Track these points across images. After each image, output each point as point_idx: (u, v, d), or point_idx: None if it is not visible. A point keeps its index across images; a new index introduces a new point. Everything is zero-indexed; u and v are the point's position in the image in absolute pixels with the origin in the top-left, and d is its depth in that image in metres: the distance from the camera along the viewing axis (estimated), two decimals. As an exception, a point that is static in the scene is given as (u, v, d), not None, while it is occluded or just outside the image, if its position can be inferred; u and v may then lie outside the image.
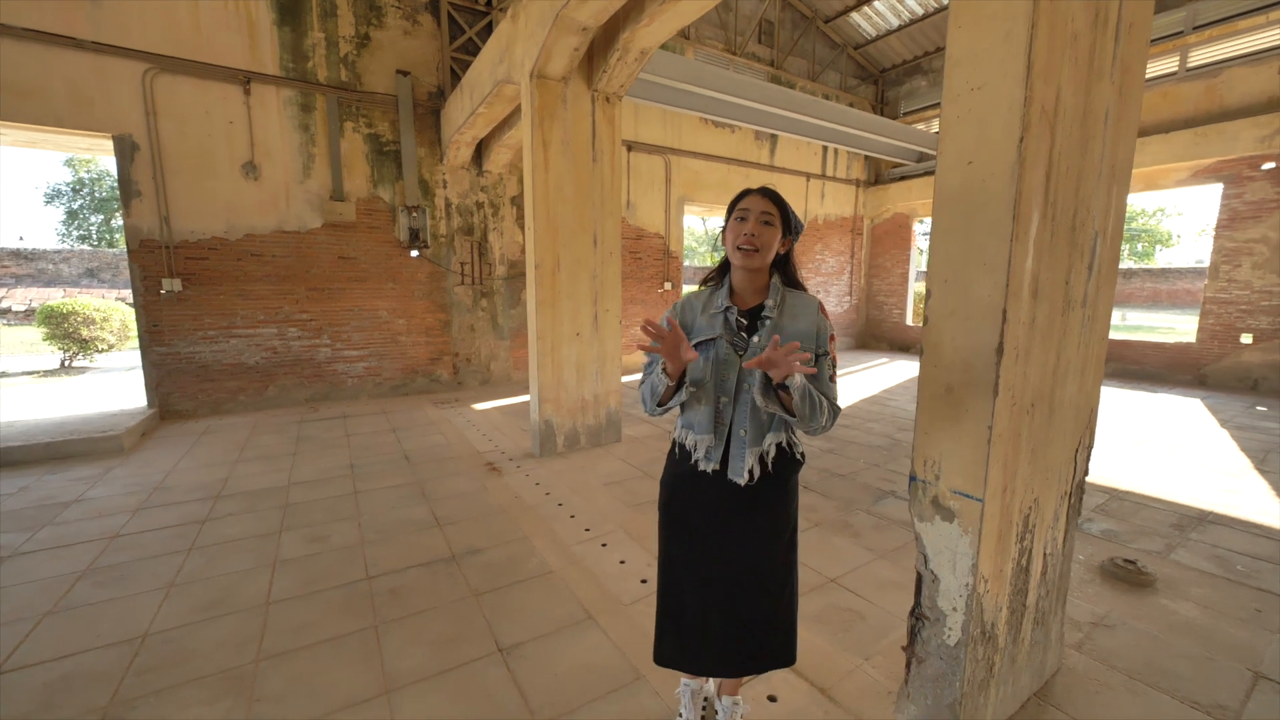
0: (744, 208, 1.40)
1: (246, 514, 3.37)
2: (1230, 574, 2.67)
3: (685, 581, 1.48)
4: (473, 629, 2.25)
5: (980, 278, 1.39)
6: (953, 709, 1.56)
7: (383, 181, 6.45)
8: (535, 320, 4.30)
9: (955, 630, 1.53)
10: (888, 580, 2.61)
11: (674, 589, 1.51)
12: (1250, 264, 7.18)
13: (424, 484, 3.88)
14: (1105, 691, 1.90)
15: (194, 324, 5.64)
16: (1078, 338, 1.65)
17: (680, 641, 1.50)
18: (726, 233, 1.44)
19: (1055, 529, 1.79)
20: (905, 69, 11.01)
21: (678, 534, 1.50)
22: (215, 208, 5.62)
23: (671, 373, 1.30)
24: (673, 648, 1.51)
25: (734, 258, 1.40)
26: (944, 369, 1.49)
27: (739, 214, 1.40)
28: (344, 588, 2.56)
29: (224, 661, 2.05)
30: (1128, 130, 1.68)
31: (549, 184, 4.20)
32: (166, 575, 2.66)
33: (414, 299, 6.83)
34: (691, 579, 1.47)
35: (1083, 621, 2.29)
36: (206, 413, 5.83)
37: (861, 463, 4.34)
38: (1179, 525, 3.21)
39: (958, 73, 1.41)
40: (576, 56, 3.94)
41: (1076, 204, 1.52)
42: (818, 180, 10.88)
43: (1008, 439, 1.46)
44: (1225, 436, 5.08)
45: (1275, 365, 7.01)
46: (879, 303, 12.12)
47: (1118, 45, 1.54)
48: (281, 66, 5.77)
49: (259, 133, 5.73)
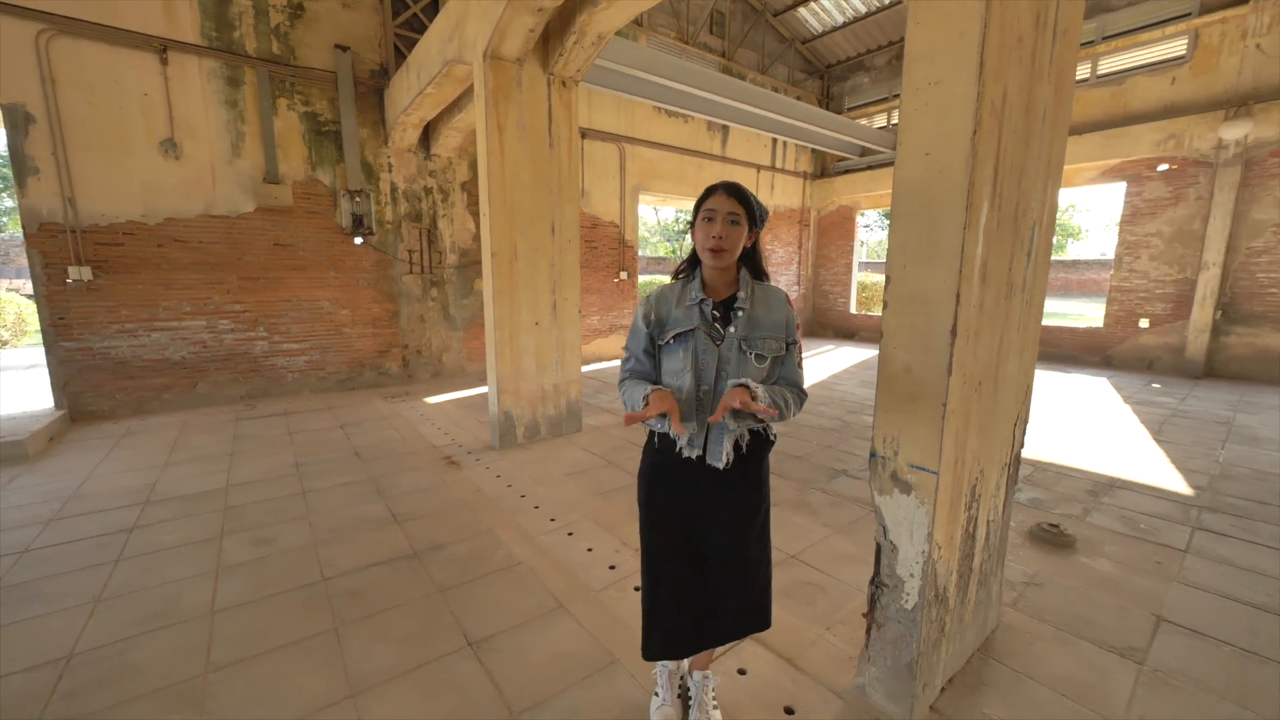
0: (711, 208, 1.42)
1: (182, 519, 3.14)
2: (1136, 532, 2.98)
3: (676, 568, 1.50)
4: (440, 625, 2.20)
5: (937, 263, 1.48)
6: (910, 668, 1.67)
7: (322, 164, 6.06)
8: (493, 309, 4.19)
9: (913, 595, 1.64)
10: (844, 554, 2.75)
11: (665, 580, 1.51)
12: (1148, 256, 7.95)
13: (378, 480, 3.74)
14: (1038, 643, 2.09)
15: (109, 316, 5.14)
16: (1018, 320, 1.79)
17: (672, 631, 1.51)
18: (695, 231, 1.46)
19: (997, 497, 1.94)
20: (849, 65, 11.40)
21: (663, 524, 1.51)
22: (130, 188, 5.11)
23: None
24: (662, 641, 1.52)
25: (704, 258, 1.44)
26: (903, 350, 1.58)
27: (706, 214, 1.42)
28: (298, 590, 2.44)
29: (168, 676, 1.92)
30: (1061, 128, 1.82)
31: (505, 169, 4.08)
32: (91, 589, 2.45)
33: (359, 288, 6.49)
34: (681, 564, 1.50)
35: (1016, 581, 2.50)
36: (127, 413, 5.35)
37: (815, 444, 4.52)
38: (1093, 491, 3.55)
39: (917, 68, 1.48)
40: (532, 38, 3.84)
41: (1019, 196, 1.64)
42: (767, 172, 11.13)
43: (960, 415, 1.57)
44: (1128, 411, 5.64)
45: (1168, 346, 7.83)
46: (825, 292, 12.59)
47: (1054, 48, 1.66)
48: (203, 35, 5.29)
49: (180, 107, 5.24)
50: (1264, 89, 6.85)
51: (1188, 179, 7.48)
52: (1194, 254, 7.51)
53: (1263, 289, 7.10)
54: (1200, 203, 7.40)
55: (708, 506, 1.48)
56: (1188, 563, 2.67)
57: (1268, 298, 7.07)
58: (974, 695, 1.82)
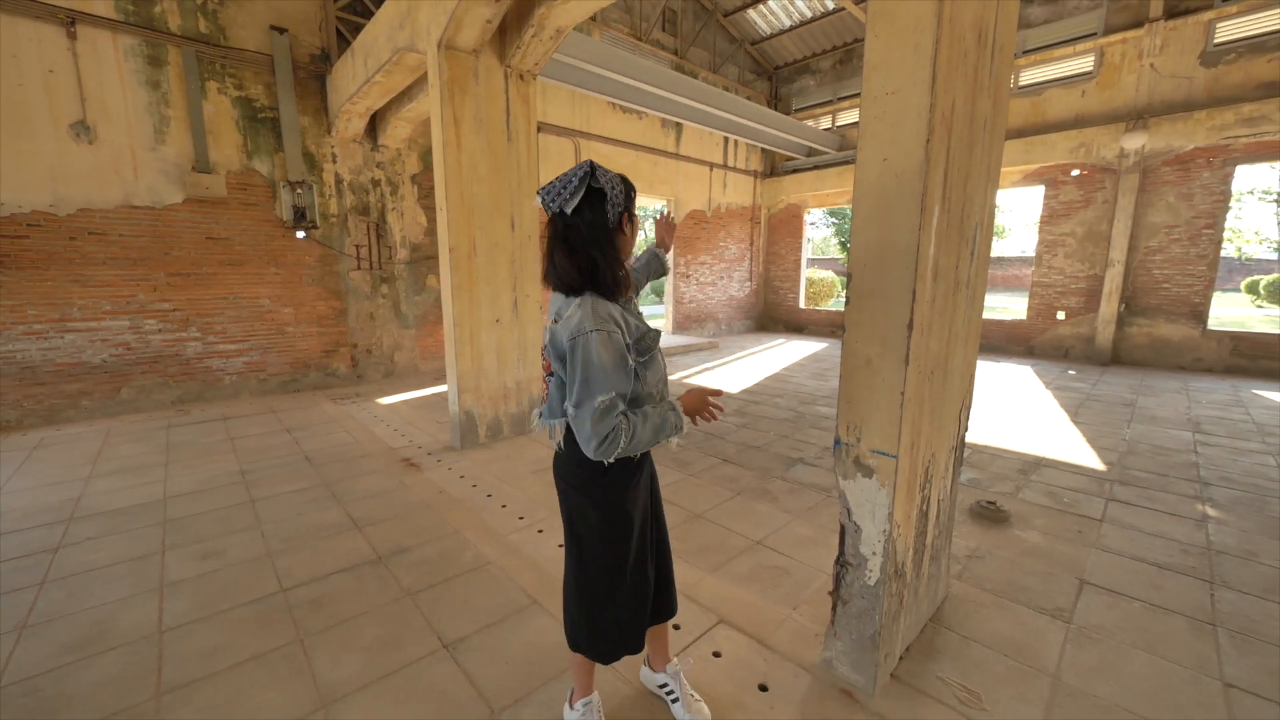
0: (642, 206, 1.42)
1: (113, 536, 2.91)
2: (1059, 505, 3.29)
3: (643, 566, 1.53)
4: (411, 629, 2.16)
5: (894, 262, 1.59)
6: (873, 639, 1.79)
7: (259, 152, 5.70)
8: (451, 306, 4.10)
9: (875, 571, 1.76)
10: (806, 537, 2.89)
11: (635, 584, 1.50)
12: (1064, 254, 8.69)
13: (333, 485, 3.59)
14: (981, 610, 2.28)
15: (12, 316, 4.64)
16: (964, 314, 1.94)
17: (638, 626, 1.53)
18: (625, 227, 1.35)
19: (946, 478, 2.10)
20: (796, 67, 11.77)
21: (637, 526, 1.49)
22: (34, 175, 4.63)
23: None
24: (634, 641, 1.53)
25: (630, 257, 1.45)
26: (864, 343, 1.69)
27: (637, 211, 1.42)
28: (255, 603, 2.33)
29: (117, 701, 1.79)
30: (999, 136, 1.98)
31: (462, 163, 3.99)
32: (13, 616, 2.24)
33: (302, 285, 6.16)
34: (645, 559, 1.55)
35: (960, 555, 2.71)
36: (37, 422, 4.86)
37: (773, 434, 4.70)
38: (1023, 470, 3.87)
39: (876, 77, 1.58)
40: (489, 29, 3.76)
41: (965, 199, 1.78)
42: (720, 170, 11.34)
43: (915, 402, 1.69)
44: (1049, 396, 6.17)
45: (1081, 337, 8.60)
46: (775, 287, 12.99)
47: (993, 63, 1.81)
48: (119, 9, 4.84)
49: (91, 86, 4.78)
50: (1157, 104, 7.61)
51: (1096, 184, 8.22)
52: (1102, 252, 8.27)
53: (1157, 284, 7.92)
54: (1106, 206, 8.15)
55: (655, 480, 1.64)
56: (1104, 530, 2.97)
57: (1161, 292, 7.89)
58: (928, 661, 1.97)
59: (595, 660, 1.55)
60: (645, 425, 1.29)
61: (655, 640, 1.76)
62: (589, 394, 1.23)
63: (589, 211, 1.29)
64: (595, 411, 1.22)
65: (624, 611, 1.50)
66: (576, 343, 1.24)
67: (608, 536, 1.44)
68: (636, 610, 1.52)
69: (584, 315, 1.26)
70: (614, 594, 1.48)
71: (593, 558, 1.47)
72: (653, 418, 1.31)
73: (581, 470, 1.40)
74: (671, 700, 1.73)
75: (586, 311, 1.26)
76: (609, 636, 1.51)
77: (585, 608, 1.50)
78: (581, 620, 1.52)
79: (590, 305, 1.28)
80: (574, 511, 1.47)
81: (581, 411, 1.24)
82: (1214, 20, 7.14)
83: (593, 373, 1.23)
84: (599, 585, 1.47)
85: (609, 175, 1.31)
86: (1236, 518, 3.11)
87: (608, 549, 1.45)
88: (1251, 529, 2.97)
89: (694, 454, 4.18)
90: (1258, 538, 2.87)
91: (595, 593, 1.48)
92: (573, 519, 1.48)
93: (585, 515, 1.43)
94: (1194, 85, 7.35)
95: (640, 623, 1.54)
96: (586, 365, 1.23)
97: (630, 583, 1.49)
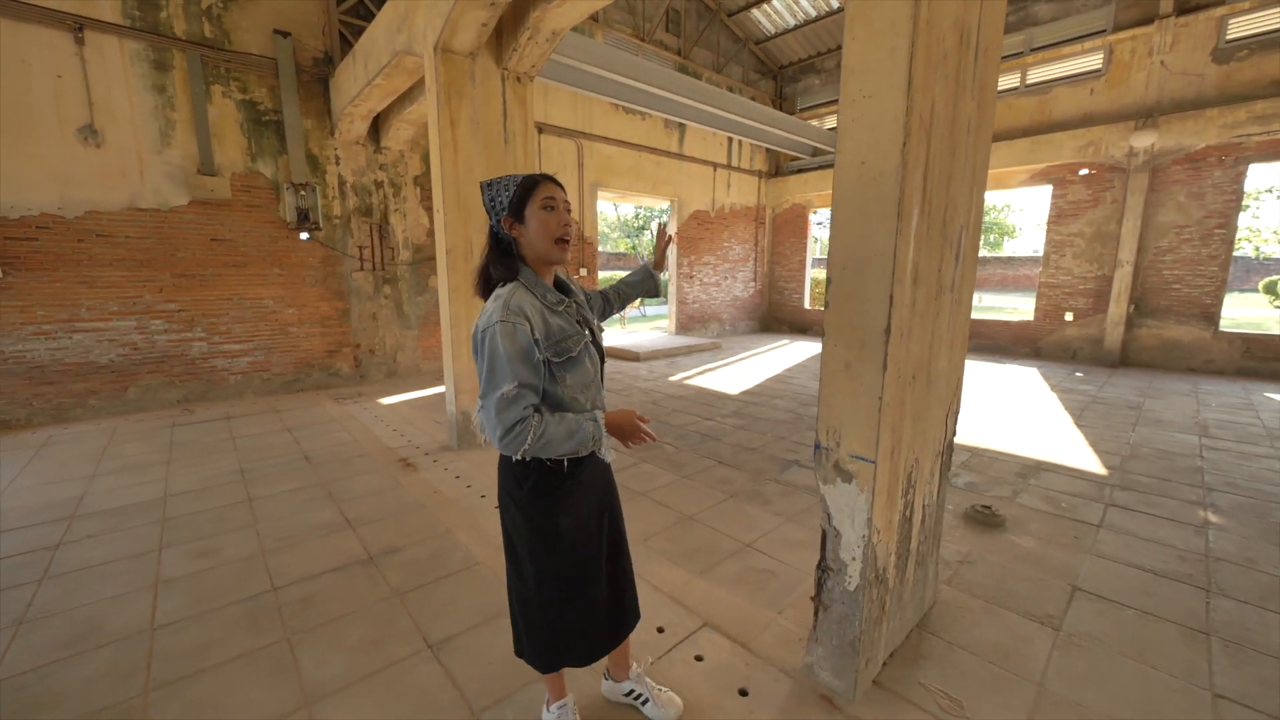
0: (549, 196, 1.35)
1: (112, 534, 2.96)
2: (1057, 510, 3.25)
3: (594, 578, 1.49)
4: (397, 629, 2.18)
5: (871, 266, 1.58)
6: (853, 645, 1.79)
7: (263, 155, 5.77)
8: (448, 307, 4.12)
9: (855, 577, 1.75)
10: (796, 541, 2.88)
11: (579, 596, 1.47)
12: (1072, 254, 8.58)
13: (330, 485, 3.62)
14: (969, 615, 2.26)
15: (21, 317, 4.74)
16: (948, 318, 1.92)
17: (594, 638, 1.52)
18: (530, 223, 1.34)
19: (932, 483, 2.08)
20: (801, 67, 11.71)
21: (585, 540, 1.46)
22: (43, 178, 4.72)
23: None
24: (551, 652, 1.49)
25: (551, 252, 1.35)
26: (842, 347, 1.68)
27: (545, 203, 1.33)
28: (246, 601, 2.36)
29: (102, 699, 1.82)
30: (984, 139, 1.96)
31: (459, 165, 4.01)
32: (11, 612, 2.29)
33: (305, 286, 6.23)
34: (599, 571, 1.51)
35: (951, 560, 2.69)
36: (46, 420, 4.95)
37: (769, 436, 4.68)
38: (1022, 474, 3.83)
39: (853, 80, 1.57)
40: (485, 32, 3.78)
41: (947, 201, 1.77)
42: (724, 170, 11.32)
43: (895, 407, 1.68)
44: (1054, 399, 6.09)
45: (1089, 338, 8.49)
46: (780, 288, 12.94)
47: (977, 65, 1.79)
48: (125, 14, 4.92)
49: (99, 91, 4.87)
50: (1167, 102, 7.49)
51: (1105, 183, 8.11)
52: (1111, 253, 8.15)
53: (1168, 285, 7.79)
54: (1115, 205, 8.03)
55: (607, 499, 1.56)
56: (1100, 536, 2.93)
57: (1172, 293, 7.77)
58: (911, 667, 1.96)
59: (533, 666, 1.53)
60: (559, 426, 1.27)
61: (614, 653, 1.73)
62: (494, 384, 1.24)
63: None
64: (499, 399, 1.22)
65: (559, 622, 1.45)
66: (485, 335, 1.26)
67: (534, 544, 1.41)
68: (577, 624, 1.47)
69: (494, 309, 1.27)
70: (546, 603, 1.44)
71: (520, 563, 1.45)
72: (568, 421, 1.29)
73: (508, 475, 1.41)
74: (642, 703, 1.74)
75: (498, 305, 1.27)
76: (544, 643, 1.48)
77: (520, 611, 1.50)
78: (521, 625, 1.51)
79: (505, 298, 1.28)
80: (504, 515, 1.47)
81: (487, 402, 1.24)
82: (1226, 16, 7.01)
83: (497, 363, 1.24)
84: (529, 591, 1.45)
85: (497, 183, 1.39)
86: (1238, 524, 3.05)
87: (535, 556, 1.42)
88: (1253, 535, 2.92)
89: (689, 455, 4.18)
90: (1259, 544, 2.82)
91: (526, 597, 1.46)
92: (504, 523, 1.49)
93: (513, 519, 1.43)
94: (1205, 82, 7.22)
95: (582, 639, 1.49)
96: (492, 356, 1.24)
97: (565, 594, 1.44)
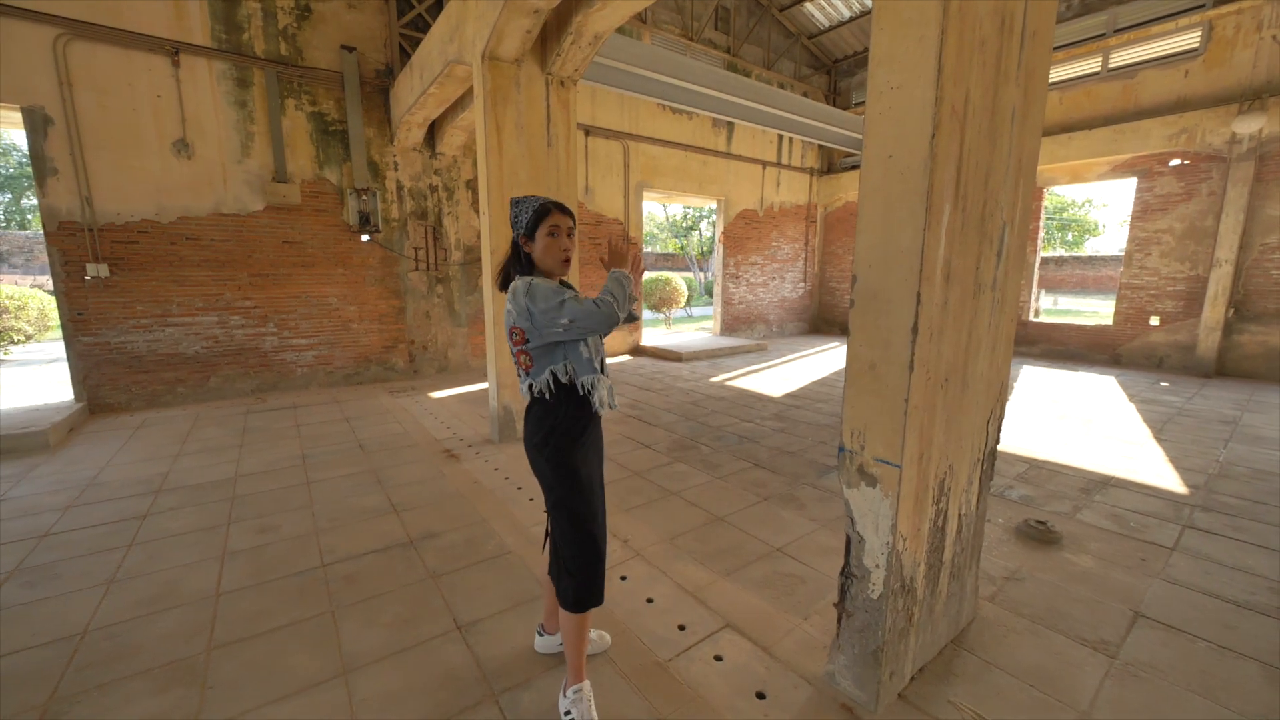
0: (555, 224, 1.62)
1: (190, 508, 3.27)
2: (1124, 530, 2.99)
3: (601, 516, 1.72)
4: (429, 609, 2.29)
5: (897, 264, 1.52)
6: (875, 655, 1.72)
7: (329, 162, 6.19)
8: (492, 306, 4.28)
9: (878, 585, 1.69)
10: (829, 547, 2.80)
11: (601, 535, 1.70)
12: (1159, 252, 7.84)
13: (379, 472, 3.85)
14: (1011, 635, 2.13)
15: (124, 312, 5.31)
16: (988, 318, 1.82)
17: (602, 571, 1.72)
18: (538, 243, 1.64)
19: (969, 492, 1.98)
20: (856, 60, 11.31)
21: (593, 481, 1.70)
22: (144, 188, 5.27)
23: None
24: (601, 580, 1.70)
25: (557, 269, 1.67)
26: (867, 347, 1.63)
27: (550, 230, 1.62)
28: (298, 576, 2.55)
29: (172, 653, 2.03)
30: (1033, 128, 1.84)
31: (503, 168, 4.16)
32: (104, 572, 2.57)
33: (365, 285, 6.63)
34: (602, 509, 1.73)
35: (996, 576, 2.53)
36: (142, 405, 5.53)
37: (810, 440, 4.56)
38: (1085, 489, 3.55)
39: (880, 72, 1.52)
40: (529, 39, 3.90)
41: (986, 196, 1.67)
42: (773, 168, 11.10)
43: (924, 410, 1.61)
44: (1132, 410, 5.59)
45: (1177, 344, 7.73)
46: (831, 289, 12.54)
47: (1023, 51, 1.68)
48: (213, 37, 5.43)
49: (191, 108, 5.39)
50: (1278, 82, 6.70)
51: (1200, 174, 7.36)
52: (1206, 251, 7.38)
53: (1277, 286, 6.97)
54: (1213, 198, 7.27)
55: (602, 452, 1.81)
56: (1173, 560, 2.68)
57: (1281, 295, 6.94)
58: (941, 684, 1.87)
59: (592, 601, 1.66)
60: (609, 284, 1.59)
61: (550, 609, 1.98)
62: (560, 303, 1.51)
63: None
64: (571, 305, 1.51)
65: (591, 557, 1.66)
66: (528, 286, 1.55)
67: (568, 486, 1.64)
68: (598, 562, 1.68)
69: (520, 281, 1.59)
70: (585, 536, 1.66)
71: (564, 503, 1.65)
72: (609, 283, 1.60)
73: (537, 430, 1.65)
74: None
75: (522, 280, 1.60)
76: (599, 570, 1.68)
77: (577, 552, 1.65)
78: (579, 569, 1.65)
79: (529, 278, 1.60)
80: (537, 470, 1.69)
81: (567, 311, 1.50)
82: (1352, -17, 6.20)
83: (550, 293, 1.53)
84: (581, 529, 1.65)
85: (521, 203, 1.66)
86: (1345, 555, 2.70)
87: (575, 496, 1.65)
88: (1362, 569, 2.58)
89: (724, 457, 4.14)
90: (1368, 579, 2.49)
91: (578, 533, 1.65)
92: (541, 479, 1.69)
93: (543, 473, 1.66)
94: (1324, 59, 6.41)
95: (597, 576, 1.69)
96: (544, 293, 1.53)
97: (594, 536, 1.67)
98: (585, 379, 1.63)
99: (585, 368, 1.64)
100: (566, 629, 1.68)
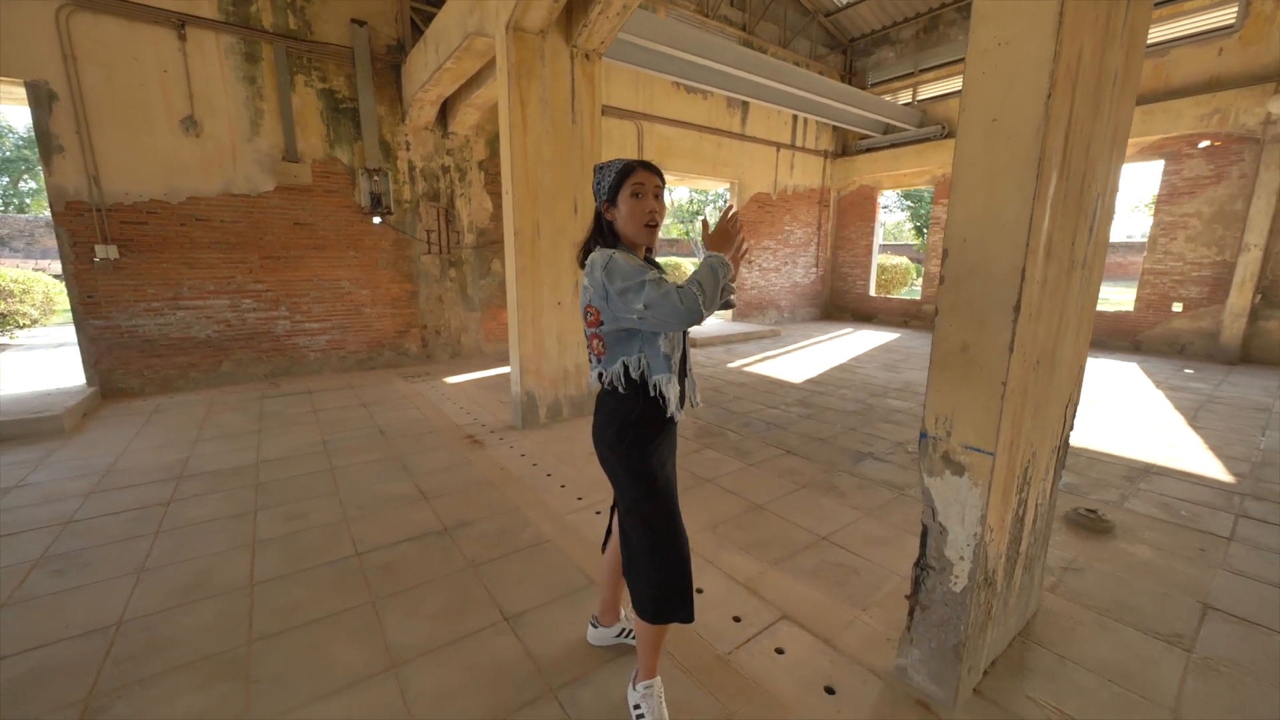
0: (639, 182, 1.43)
1: (214, 494, 3.19)
2: (1176, 519, 2.92)
3: (679, 519, 1.58)
4: (473, 600, 2.22)
5: (1001, 237, 1.41)
6: (956, 651, 1.64)
7: (340, 142, 6.02)
8: (515, 289, 4.16)
9: (962, 578, 1.61)
10: (877, 537, 2.72)
11: (683, 538, 1.55)
12: (1184, 237, 7.68)
13: (403, 458, 3.76)
14: (1079, 628, 2.05)
15: (135, 295, 5.19)
16: (1078, 298, 1.71)
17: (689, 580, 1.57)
18: (621, 207, 1.46)
19: (1046, 480, 1.89)
20: (874, 39, 11.01)
21: (671, 486, 1.57)
22: (152, 167, 5.11)
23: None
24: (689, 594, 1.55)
25: (639, 235, 1.47)
26: (959, 328, 1.52)
27: (634, 189, 1.43)
28: (333, 565, 2.47)
29: (212, 646, 1.95)
30: (1129, 95, 1.72)
31: (528, 146, 4.01)
32: (133, 561, 2.50)
33: (378, 268, 6.49)
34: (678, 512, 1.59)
35: (1054, 566, 2.46)
36: (155, 390, 5.44)
37: (839, 427, 4.47)
38: (1129, 477, 3.47)
39: (984, 27, 1.39)
40: (556, 8, 3.72)
41: (1086, 166, 1.55)
42: (787, 150, 10.87)
43: (1018, 395, 1.51)
44: (1161, 397, 5.50)
45: (1201, 331, 7.61)
46: (843, 274, 12.38)
47: (1129, 8, 1.55)
48: (220, 9, 5.22)
49: (199, 84, 5.21)
50: (1318, 60, 6.49)
51: (1231, 156, 7.17)
52: (1234, 235, 7.23)
53: (1305, 272, 6.83)
54: (1244, 181, 7.10)
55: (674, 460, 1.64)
56: (1232, 550, 2.60)
57: (1311, 281, 6.81)
58: (1017, 679, 1.79)
59: (687, 618, 1.52)
60: (700, 272, 1.34)
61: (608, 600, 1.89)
62: (638, 283, 1.32)
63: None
64: (649, 289, 1.30)
65: (680, 568, 1.52)
66: (609, 259, 1.38)
67: (644, 492, 1.50)
68: (687, 575, 1.53)
69: (600, 254, 1.43)
70: (671, 543, 1.52)
71: (638, 510, 1.51)
72: (699, 270, 1.34)
73: (608, 425, 1.51)
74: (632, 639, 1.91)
75: (602, 252, 1.43)
76: (682, 588, 1.52)
77: (659, 567, 1.50)
78: (660, 582, 1.50)
79: (610, 251, 1.43)
80: (607, 468, 1.56)
81: (644, 297, 1.30)
82: (1400, -45, 5.97)
83: (631, 271, 1.35)
84: (659, 539, 1.50)
85: (605, 168, 1.49)
86: None
87: (652, 503, 1.50)
88: None
89: (754, 443, 4.05)
90: None
91: (659, 544, 1.51)
92: (612, 478, 1.57)
93: (615, 473, 1.53)
94: (1367, 35, 6.20)
95: (689, 588, 1.54)
96: (624, 271, 1.34)
97: (678, 542, 1.52)
98: (659, 378, 1.46)
99: (660, 365, 1.46)
100: (643, 635, 1.59)
